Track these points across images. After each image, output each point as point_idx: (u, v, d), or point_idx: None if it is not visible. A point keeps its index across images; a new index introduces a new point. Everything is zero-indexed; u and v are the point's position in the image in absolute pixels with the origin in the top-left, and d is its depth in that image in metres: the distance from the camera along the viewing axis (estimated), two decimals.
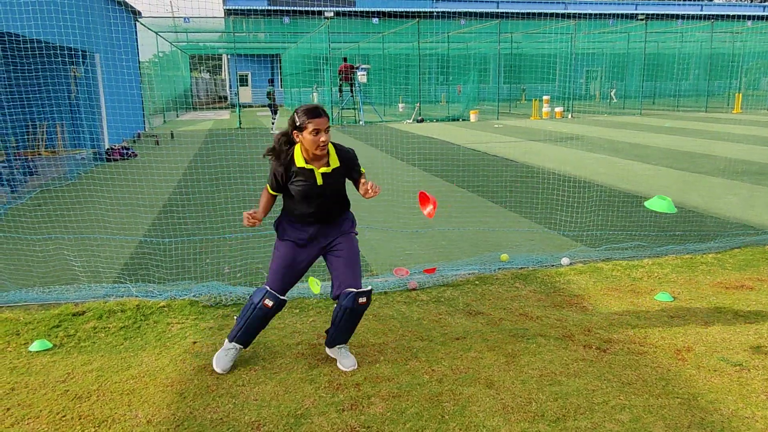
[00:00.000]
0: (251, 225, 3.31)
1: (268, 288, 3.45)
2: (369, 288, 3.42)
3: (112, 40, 15.51)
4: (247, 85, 43.24)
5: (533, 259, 5.49)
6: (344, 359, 3.53)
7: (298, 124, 3.28)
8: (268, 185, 3.51)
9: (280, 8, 38.32)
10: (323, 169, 3.37)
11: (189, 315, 4.33)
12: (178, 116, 31.95)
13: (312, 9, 36.48)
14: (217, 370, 3.48)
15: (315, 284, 3.59)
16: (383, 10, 34.83)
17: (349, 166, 3.48)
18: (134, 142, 17.50)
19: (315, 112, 3.26)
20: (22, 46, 9.64)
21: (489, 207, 8.04)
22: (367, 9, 37.49)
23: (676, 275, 5.08)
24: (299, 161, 3.35)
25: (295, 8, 37.21)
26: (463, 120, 25.51)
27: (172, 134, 19.45)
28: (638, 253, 5.70)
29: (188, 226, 7.15)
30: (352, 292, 3.36)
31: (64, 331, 4.09)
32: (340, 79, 25.15)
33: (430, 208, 3.73)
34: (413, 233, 6.71)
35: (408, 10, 33.32)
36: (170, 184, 10.26)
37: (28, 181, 9.95)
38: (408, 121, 25.09)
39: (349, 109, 25.68)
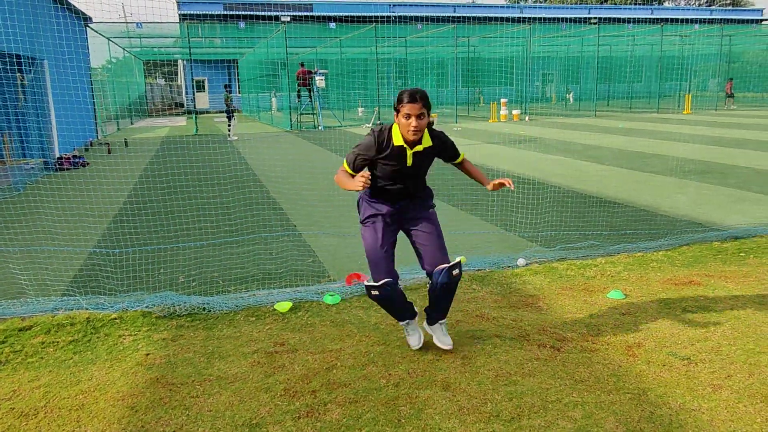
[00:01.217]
0: (367, 185, 3.26)
1: (374, 283, 3.54)
2: (458, 260, 3.56)
3: (61, 47, 15.10)
4: (203, 91, 42.65)
5: (490, 261, 5.55)
6: (444, 337, 3.68)
7: (395, 105, 3.38)
8: (347, 165, 3.52)
9: (236, 13, 37.96)
10: (416, 149, 3.44)
11: (141, 326, 4.23)
12: (132, 123, 31.29)
13: (268, 14, 36.24)
14: (414, 346, 3.70)
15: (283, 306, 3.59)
16: (340, 15, 34.83)
17: (441, 146, 3.57)
18: (86, 150, 17.07)
19: (411, 97, 3.30)
20: None
21: (446, 209, 8.10)
22: (324, 14, 37.44)
23: (627, 273, 5.20)
24: (397, 139, 3.41)
25: (251, 13, 36.89)
26: None
27: (125, 142, 19.05)
28: (592, 252, 5.82)
29: (141, 235, 7.00)
30: (445, 267, 3.49)
31: (10, 347, 3.95)
32: (298, 84, 25.02)
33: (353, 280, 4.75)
34: None
35: (365, 14, 33.41)
36: (123, 193, 10.04)
37: None
38: (367, 125, 25.12)
39: (308, 114, 25.57)
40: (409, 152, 3.43)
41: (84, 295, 4.85)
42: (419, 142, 3.44)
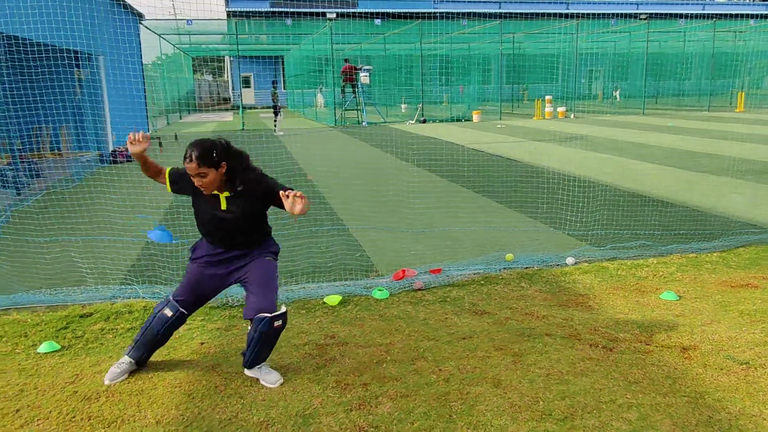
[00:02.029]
0: (132, 141, 3.27)
1: (171, 297, 3.43)
2: (283, 310, 3.30)
3: (116, 43, 15.55)
4: (249, 87, 43.30)
5: (538, 259, 5.50)
6: (267, 375, 3.37)
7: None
8: (168, 171, 3.44)
9: (283, 10, 38.38)
10: (225, 193, 3.25)
11: (196, 316, 4.34)
12: (181, 118, 32.01)
13: (314, 10, 36.53)
14: (106, 381, 3.38)
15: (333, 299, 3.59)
16: (385, 11, 34.88)
17: (257, 188, 3.24)
18: None
19: (187, 157, 3.11)
20: (27, 49, 9.68)
21: (493, 207, 8.05)
22: (370, 10, 37.52)
23: (681, 274, 5.09)
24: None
25: (298, 10, 37.26)
26: (466, 120, 25.51)
27: (175, 136, 19.48)
28: (643, 252, 5.71)
29: (193, 227, 7.15)
30: (266, 317, 3.20)
31: (72, 333, 4.11)
32: (343, 81, 25.17)
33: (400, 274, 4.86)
34: (418, 233, 6.72)
35: (410, 11, 33.39)
36: None
37: (34, 184, 9.98)
38: (410, 121, 25.11)
39: (352, 110, 25.70)
40: (222, 196, 3.26)
41: (141, 284, 5.01)
42: (227, 188, 3.24)
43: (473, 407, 3.06)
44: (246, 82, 43.11)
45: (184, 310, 3.42)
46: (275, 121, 20.89)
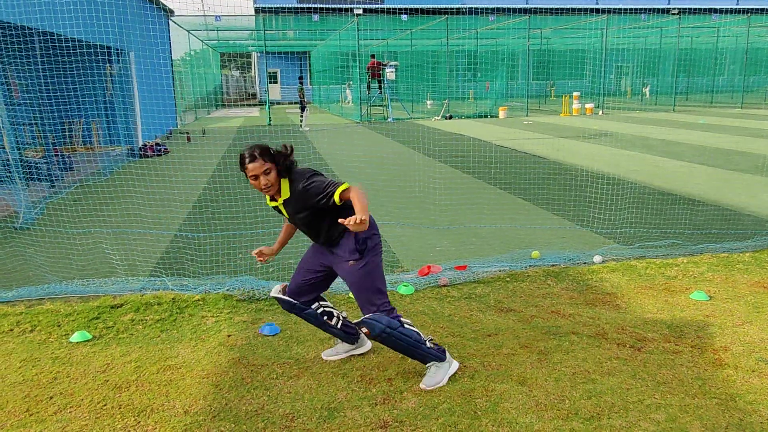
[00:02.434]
0: (260, 260, 3.54)
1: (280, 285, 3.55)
2: (368, 317, 3.15)
3: (146, 39, 15.77)
4: (276, 83, 43.57)
5: (565, 257, 5.45)
6: (429, 379, 3.27)
7: (241, 169, 3.21)
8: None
9: (310, 6, 38.50)
10: (280, 201, 3.26)
11: (223, 308, 4.40)
12: (209, 113, 32.35)
13: (341, 6, 36.56)
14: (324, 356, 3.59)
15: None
16: (412, 6, 34.78)
17: (303, 199, 3.16)
18: (167, 138, 17.78)
19: (250, 158, 3.13)
20: (60, 44, 9.87)
21: (519, 204, 7.99)
22: (396, 6, 37.43)
23: (712, 274, 5.00)
24: (267, 199, 3.33)
25: (325, 5, 37.34)
26: (492, 117, 25.34)
27: (203, 131, 19.72)
28: (673, 251, 5.62)
29: (221, 221, 7.26)
30: (362, 330, 3.19)
31: (103, 323, 4.20)
32: (369, 76, 25.18)
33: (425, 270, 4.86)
34: (444, 230, 6.71)
35: (436, 6, 33.20)
36: (202, 179, 10.41)
37: (66, 177, 10.19)
38: (436, 117, 25.03)
39: (378, 106, 25.70)
40: (280, 205, 3.27)
41: (169, 277, 5.08)
42: (280, 194, 3.22)
43: (498, 404, 3.05)
44: (273, 78, 43.39)
45: (287, 299, 3.48)
46: (301, 116, 20.99)
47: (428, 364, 3.28)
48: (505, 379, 3.29)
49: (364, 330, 3.14)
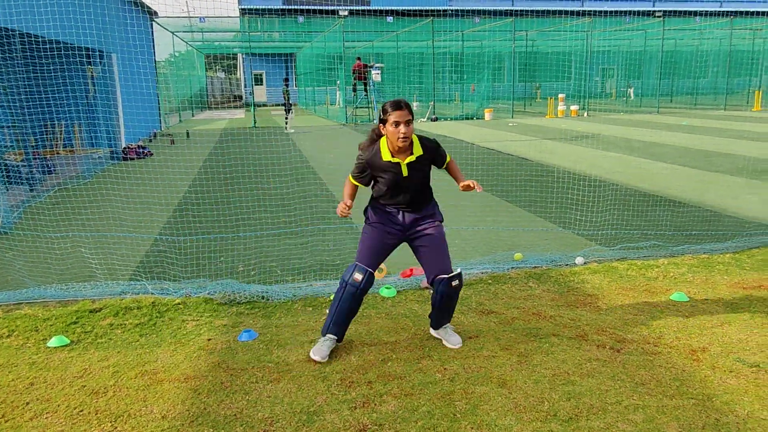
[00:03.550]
0: (345, 215, 3.52)
1: (357, 262, 3.61)
2: (458, 271, 3.62)
3: (128, 40, 15.65)
4: (261, 84, 43.43)
5: (547, 258, 5.47)
6: (451, 337, 3.75)
7: (382, 116, 3.49)
8: (351, 176, 3.71)
9: (295, 7, 38.44)
10: (408, 159, 3.53)
11: (204, 312, 4.36)
12: (193, 115, 32.17)
13: (326, 8, 36.53)
14: (315, 358, 3.57)
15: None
16: (397, 8, 34.83)
17: (434, 153, 3.63)
18: (150, 141, 17.65)
19: (396, 105, 3.44)
20: (40, 46, 9.77)
21: (503, 206, 8.02)
22: (381, 8, 37.47)
23: (692, 275, 5.04)
24: (385, 155, 3.53)
25: (310, 7, 37.30)
26: (478, 118, 25.44)
27: (187, 133, 19.60)
28: (654, 252, 5.66)
29: (203, 224, 7.21)
30: (444, 278, 3.56)
31: (82, 328, 4.15)
32: (354, 78, 25.18)
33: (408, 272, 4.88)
34: None
35: (422, 8, 33.27)
36: (185, 182, 10.35)
37: (46, 180, 10.08)
38: (422, 119, 25.07)
39: (363, 107, 25.69)
40: (403, 164, 3.53)
41: (150, 280, 5.04)
42: (411, 152, 3.54)
43: (477, 407, 3.05)
44: (258, 80, 43.26)
45: (371, 270, 3.61)
46: (286, 118, 20.93)
47: (449, 324, 3.84)
48: (485, 381, 3.29)
49: (455, 283, 3.58)
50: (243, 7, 38.26)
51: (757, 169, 10.42)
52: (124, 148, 13.52)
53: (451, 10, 39.00)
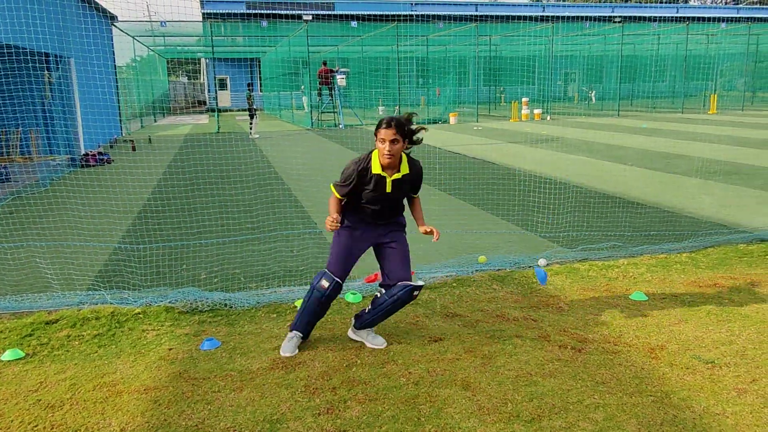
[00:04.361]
0: (334, 229, 3.58)
1: (326, 270, 3.69)
2: (422, 283, 3.71)
3: (87, 45, 15.32)
4: (226, 89, 42.99)
5: (510, 261, 5.52)
6: (375, 339, 3.82)
7: (375, 131, 3.61)
8: (334, 187, 3.74)
9: (258, 12, 38.18)
10: (395, 176, 3.64)
11: (164, 321, 4.28)
12: (155, 121, 31.65)
13: (290, 12, 36.40)
14: (285, 354, 3.69)
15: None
16: (362, 13, 34.89)
17: (416, 178, 3.78)
18: (110, 147, 17.30)
19: (386, 124, 3.55)
20: None
21: (467, 209, 8.08)
22: (346, 12, 37.49)
23: (650, 275, 5.15)
24: (376, 167, 3.62)
25: (274, 11, 37.09)
26: (443, 122, 25.61)
27: (149, 139, 19.28)
28: (614, 253, 5.77)
29: (164, 232, 7.08)
30: (409, 285, 3.65)
31: (37, 340, 4.03)
32: (320, 83, 25.11)
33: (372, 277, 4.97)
34: None
35: (386, 13, 33.42)
36: (146, 189, 10.16)
37: (1, 188, 9.79)
38: None
39: (329, 112, 25.64)
40: (389, 180, 3.63)
41: (108, 290, 4.92)
42: (398, 169, 3.64)
43: (441, 410, 3.05)
44: (222, 85, 42.81)
45: (339, 280, 3.69)
46: (251, 124, 20.75)
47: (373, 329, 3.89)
48: (449, 384, 3.30)
49: (416, 293, 3.68)
50: (206, 11, 37.84)
51: (712, 171, 10.71)
52: (83, 154, 13.22)
53: (416, 15, 39.26)
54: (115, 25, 21.07)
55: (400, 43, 26.71)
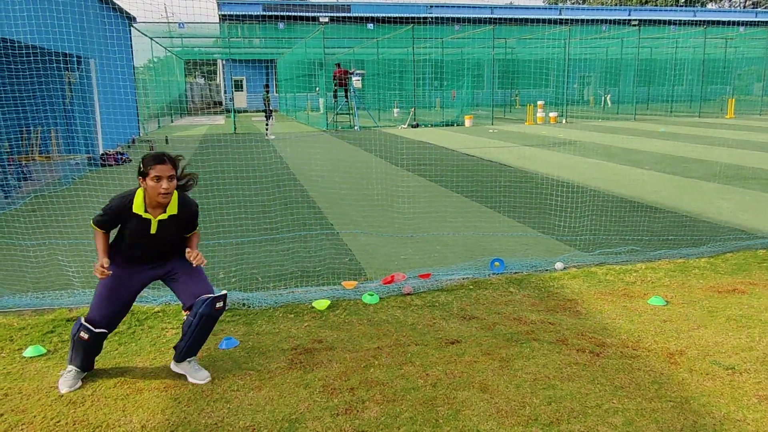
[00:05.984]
0: (105, 277, 3.25)
1: (83, 320, 3.34)
2: (224, 292, 3.42)
3: (107, 46, 15.50)
4: (242, 90, 43.25)
5: (527, 264, 5.51)
6: (197, 372, 3.46)
7: (142, 169, 3.27)
8: (96, 226, 3.40)
9: (275, 13, 38.38)
10: (161, 216, 3.34)
11: (183, 320, 4.32)
12: (172, 121, 31.92)
13: (307, 15, 36.55)
14: (63, 390, 3.34)
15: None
16: (378, 15, 34.95)
17: (189, 217, 3.46)
18: (129, 147, 17.48)
19: (159, 159, 3.25)
20: (17, 51, 9.64)
21: (484, 212, 8.07)
22: (362, 15, 37.59)
23: (669, 279, 5.11)
24: (137, 207, 3.31)
25: (290, 14, 37.28)
26: (458, 125, 25.58)
27: (166, 139, 19.44)
28: (632, 257, 5.73)
29: None
30: (208, 297, 3.33)
31: (59, 337, 4.09)
32: (335, 85, 25.19)
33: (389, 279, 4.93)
34: (408, 238, 6.72)
35: (403, 15, 33.46)
36: None
37: (23, 187, 9.93)
38: (403, 126, 25.15)
39: (344, 114, 25.72)
40: (154, 220, 3.33)
41: None
42: (164, 210, 3.34)
43: (459, 412, 3.06)
44: (238, 86, 43.07)
45: (101, 330, 3.34)
46: (267, 125, 20.87)
47: (195, 358, 3.52)
48: (467, 387, 3.31)
49: (220, 304, 3.35)
50: (223, 13, 38.11)
51: (730, 175, 10.61)
52: (103, 154, 13.37)
53: (432, 18, 39.24)
54: (134, 27, 21.29)
55: (416, 45, 26.72)
